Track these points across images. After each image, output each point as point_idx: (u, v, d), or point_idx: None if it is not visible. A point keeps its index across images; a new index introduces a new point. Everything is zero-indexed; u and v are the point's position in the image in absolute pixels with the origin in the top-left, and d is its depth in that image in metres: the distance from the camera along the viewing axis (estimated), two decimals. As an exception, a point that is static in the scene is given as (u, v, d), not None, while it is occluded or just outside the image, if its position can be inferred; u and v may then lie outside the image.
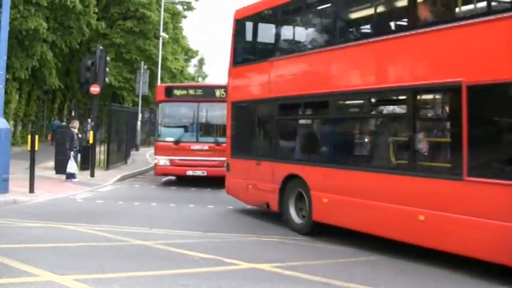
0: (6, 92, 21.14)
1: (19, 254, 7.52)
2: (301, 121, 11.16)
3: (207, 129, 17.55)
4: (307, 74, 10.45)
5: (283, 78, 11.10)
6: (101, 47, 19.84)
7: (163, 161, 17.17)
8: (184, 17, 48.34)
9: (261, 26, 12.68)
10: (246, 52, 13.12)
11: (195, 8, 48.82)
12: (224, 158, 14.66)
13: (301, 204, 10.46)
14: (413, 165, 8.09)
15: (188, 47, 52.02)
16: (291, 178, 10.55)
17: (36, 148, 14.25)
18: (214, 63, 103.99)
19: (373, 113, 9.53)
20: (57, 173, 18.39)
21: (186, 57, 53.81)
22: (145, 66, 35.39)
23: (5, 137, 13.93)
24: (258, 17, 12.38)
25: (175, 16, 44.72)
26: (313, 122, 10.94)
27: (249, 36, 13.01)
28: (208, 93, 17.42)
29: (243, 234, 10.26)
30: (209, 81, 66.53)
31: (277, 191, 10.82)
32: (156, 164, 17.54)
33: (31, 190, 14.20)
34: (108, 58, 22.99)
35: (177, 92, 17.73)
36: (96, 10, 31.83)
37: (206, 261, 7.70)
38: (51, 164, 19.55)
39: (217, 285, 6.43)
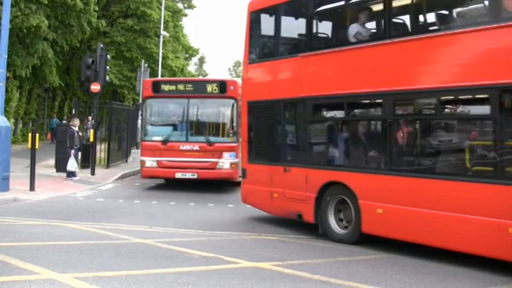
0: (7, 90, 21.18)
1: (19, 252, 7.54)
2: (346, 123, 9.86)
3: (197, 127, 16.24)
4: (357, 71, 9.29)
5: (321, 76, 9.94)
6: (102, 45, 19.84)
7: (149, 162, 15.75)
8: (185, 15, 48.34)
9: (286, 19, 11.30)
10: (265, 48, 11.93)
11: (195, 6, 48.83)
12: (216, 160, 15.03)
13: (340, 214, 9.69)
14: (504, 172, 7.27)
15: (189, 45, 51.96)
16: (329, 186, 9.66)
17: (36, 146, 14.27)
18: (215, 62, 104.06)
19: (447, 114, 8.55)
20: (57, 171, 18.41)
21: (187, 55, 53.77)
22: (146, 65, 35.35)
23: (6, 135, 13.95)
24: (280, 8, 10.98)
25: (175, 14, 44.72)
26: (364, 124, 9.66)
27: (268, 30, 11.57)
28: (199, 89, 15.90)
29: (243, 232, 10.28)
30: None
31: (313, 200, 9.81)
32: (142, 166, 16.14)
33: (31, 188, 14.23)
34: (108, 56, 23.00)
35: (165, 87, 16.11)
36: (97, 8, 31.79)
37: (206, 259, 7.72)
38: (52, 162, 19.56)
39: (217, 284, 6.43)
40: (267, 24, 11.57)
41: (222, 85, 15.64)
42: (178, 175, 15.59)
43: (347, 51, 9.55)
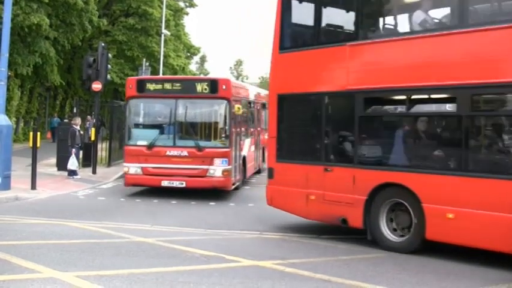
0: (8, 89, 21.18)
1: (21, 251, 7.55)
2: (409, 119, 8.93)
3: (186, 131, 14.58)
4: (426, 62, 8.41)
5: (377, 67, 9.02)
6: (103, 44, 19.82)
7: (133, 169, 14.14)
8: (186, 13, 48.33)
9: (329, 4, 10.33)
10: (302, 35, 10.82)
11: (197, 5, 48.76)
12: (206, 166, 13.63)
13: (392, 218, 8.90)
14: None
15: (190, 43, 51.97)
16: (382, 188, 8.81)
17: (38, 145, 14.28)
18: (217, 60, 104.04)
19: None
20: (58, 169, 18.42)
21: (188, 54, 53.76)
22: (147, 63, 35.36)
23: (7, 134, 13.96)
24: None
25: (177, 13, 44.72)
26: (432, 120, 8.85)
27: (305, 16, 10.40)
28: (188, 88, 14.28)
29: (244, 231, 10.27)
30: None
31: (362, 203, 8.92)
32: (125, 173, 14.56)
33: (33, 187, 14.24)
34: (110, 55, 23.02)
35: (150, 86, 14.46)
36: (96, 8, 31.81)
37: (207, 258, 7.72)
38: (53, 161, 19.57)
39: (219, 283, 6.44)
40: (304, 9, 10.52)
41: (213, 84, 14.11)
42: (165, 183, 14.01)
43: (414, 39, 8.68)
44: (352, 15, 9.56)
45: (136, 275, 6.64)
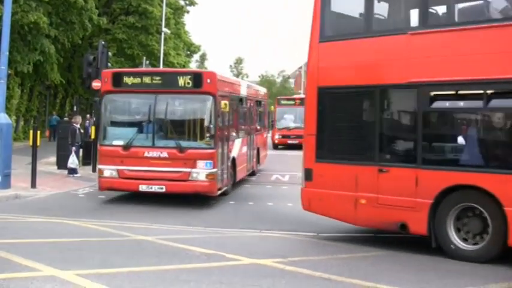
0: (8, 88, 21.17)
1: (21, 249, 7.54)
2: (491, 114, 8.09)
3: (167, 129, 13.11)
4: (502, 54, 7.74)
5: (446, 58, 8.24)
6: (103, 42, 19.81)
7: (108, 171, 12.77)
8: (187, 11, 48.30)
9: None
10: (347, 23, 9.93)
11: (197, 3, 48.69)
12: (189, 169, 12.29)
13: (459, 224, 8.15)
14: None
15: (190, 42, 51.93)
16: (452, 191, 8.05)
17: (38, 143, 14.28)
18: (217, 59, 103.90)
19: None
20: (58, 168, 18.43)
21: (188, 52, 53.74)
22: (148, 62, 35.37)
23: (7, 132, 13.97)
24: None
25: (177, 11, 44.69)
26: None
27: (353, 3, 9.68)
28: (169, 82, 12.84)
29: (244, 229, 10.28)
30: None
31: (427, 207, 8.12)
32: (99, 176, 13.13)
33: (33, 185, 14.25)
34: (110, 53, 22.99)
35: (128, 80, 12.95)
36: (96, 6, 31.81)
37: (207, 256, 7.72)
38: (53, 159, 19.58)
39: (219, 281, 6.43)
40: None
41: (197, 78, 12.68)
42: (143, 188, 12.61)
43: (494, 28, 7.92)
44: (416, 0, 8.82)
45: (136, 273, 6.64)
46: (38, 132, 14.61)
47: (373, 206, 8.70)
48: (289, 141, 30.51)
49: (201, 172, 12.38)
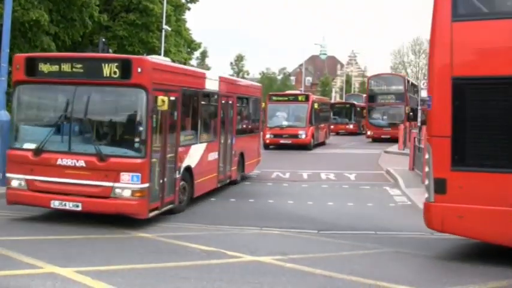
0: (9, 85, 21.14)
1: (21, 247, 7.56)
2: None
3: (86, 130, 10.23)
4: None
5: None
6: (104, 40, 19.85)
7: (16, 181, 10.09)
8: (188, 9, 48.28)
9: None
10: None
11: (198, 0, 48.65)
12: (111, 183, 9.50)
13: None
14: None
15: (191, 39, 51.89)
16: None
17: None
18: (217, 56, 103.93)
19: None
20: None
21: (189, 49, 53.72)
22: (148, 59, 35.35)
23: (7, 129, 13.95)
24: None
25: (178, 8, 44.67)
26: None
27: None
28: (92, 71, 10.01)
29: (244, 226, 10.27)
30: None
31: None
32: (7, 186, 10.37)
33: (34, 182, 14.20)
34: (110, 50, 22.98)
35: (44, 67, 10.23)
36: (97, 3, 31.81)
37: (208, 253, 7.72)
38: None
39: (219, 278, 6.44)
40: None
41: (125, 66, 9.85)
42: (55, 204, 9.80)
43: None
44: None
45: (137, 270, 6.65)
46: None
47: None
48: (282, 141, 28.45)
49: (125, 188, 9.55)
